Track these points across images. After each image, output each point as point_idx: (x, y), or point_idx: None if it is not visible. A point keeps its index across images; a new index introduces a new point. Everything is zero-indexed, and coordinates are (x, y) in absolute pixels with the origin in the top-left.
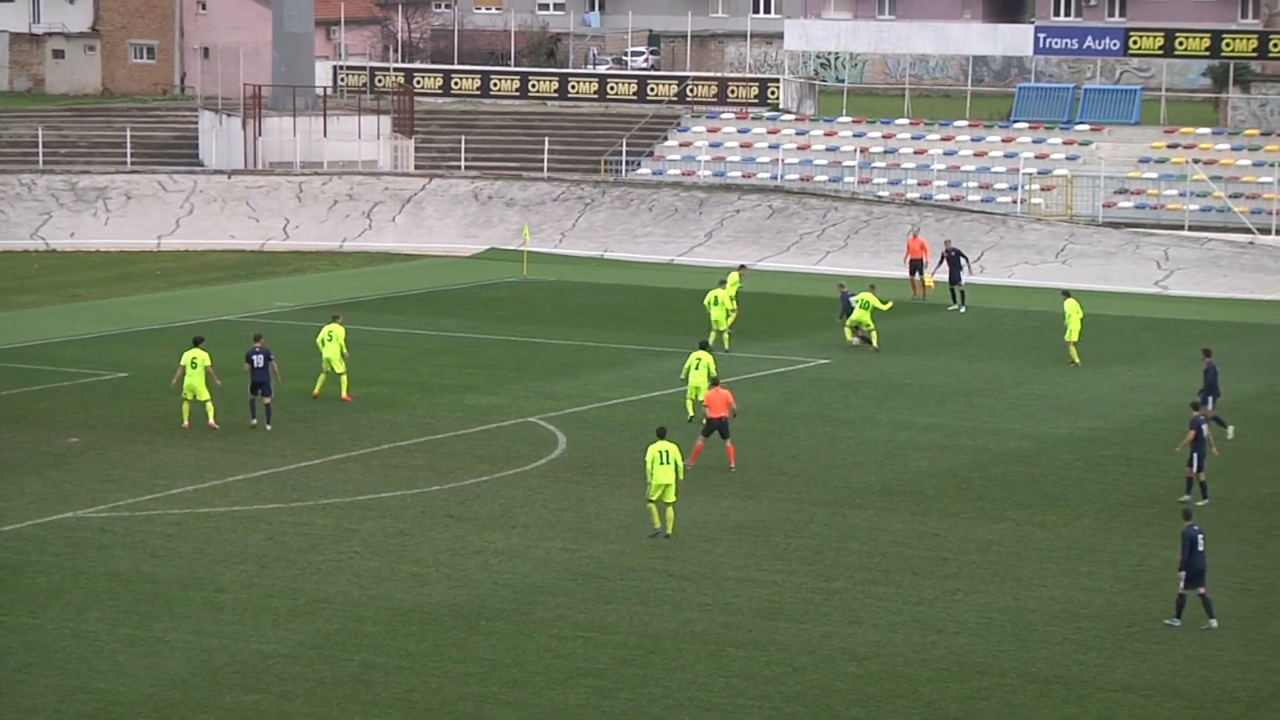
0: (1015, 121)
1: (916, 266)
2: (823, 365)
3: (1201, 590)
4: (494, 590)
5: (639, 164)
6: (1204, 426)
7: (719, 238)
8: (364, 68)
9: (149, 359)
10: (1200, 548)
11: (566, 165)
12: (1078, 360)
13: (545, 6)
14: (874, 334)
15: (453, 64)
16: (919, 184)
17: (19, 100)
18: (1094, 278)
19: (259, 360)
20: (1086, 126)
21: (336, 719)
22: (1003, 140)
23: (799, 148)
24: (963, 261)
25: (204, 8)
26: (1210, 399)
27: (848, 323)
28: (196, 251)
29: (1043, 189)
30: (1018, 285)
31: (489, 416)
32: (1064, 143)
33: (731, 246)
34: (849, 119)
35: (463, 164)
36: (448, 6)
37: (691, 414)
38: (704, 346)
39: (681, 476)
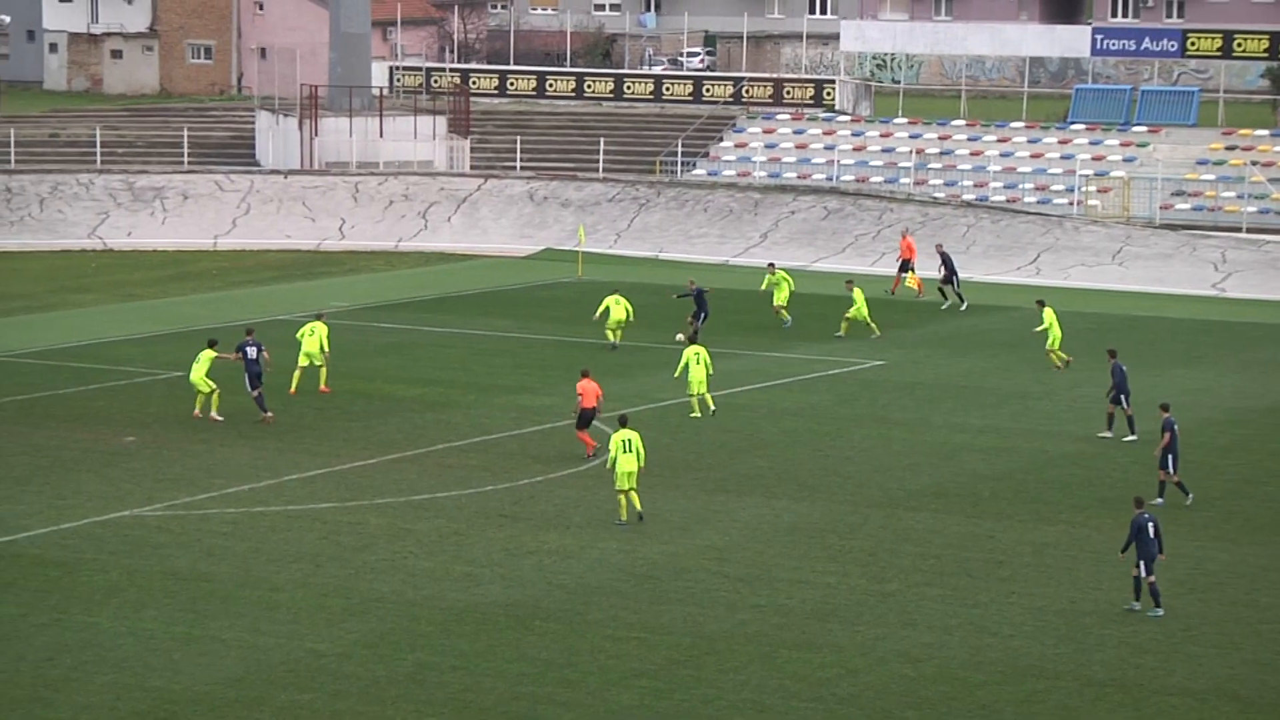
0: (1072, 123)
1: (904, 266)
2: (878, 367)
3: (1151, 579)
4: (548, 590)
5: (694, 165)
6: (1176, 427)
7: (774, 239)
8: (420, 68)
9: None
10: (1152, 535)
11: (621, 166)
12: (1063, 361)
13: (601, 7)
14: (874, 324)
15: (509, 64)
16: (975, 185)
17: (77, 100)
18: (1150, 280)
19: (253, 352)
20: (1144, 128)
21: (390, 718)
22: (1059, 142)
23: (854, 149)
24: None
25: (261, 8)
26: (1123, 398)
27: (847, 315)
28: (253, 251)
29: (1099, 191)
30: (1074, 287)
31: (543, 417)
32: (1121, 144)
33: (786, 247)
34: (905, 120)
35: (518, 164)
36: (504, 7)
37: (701, 411)
38: (693, 340)
39: (643, 464)
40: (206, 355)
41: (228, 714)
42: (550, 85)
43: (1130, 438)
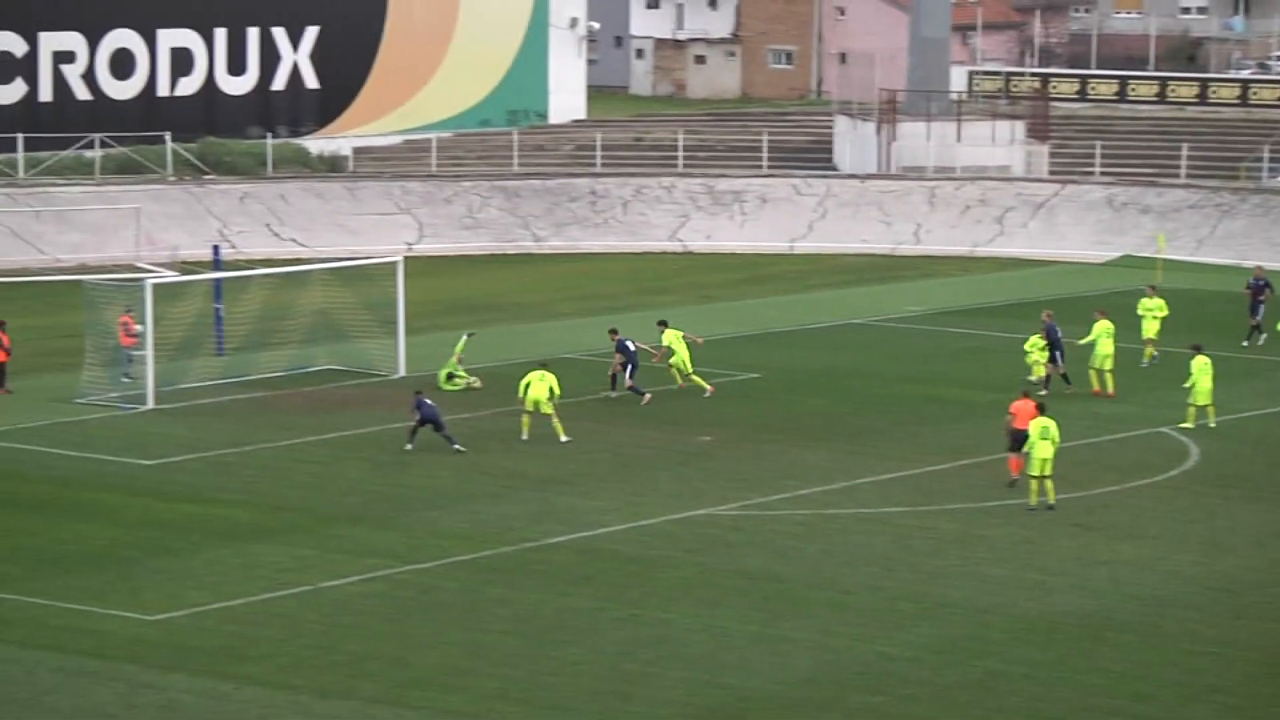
0: None
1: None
2: None
3: None
4: (1121, 601)
5: None
6: None
7: None
8: (999, 73)
9: (781, 360)
10: None
11: (1204, 172)
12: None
13: (1187, 10)
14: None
15: (1089, 69)
16: None
17: (661, 105)
18: None
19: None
20: None
21: None
22: None
23: None
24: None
25: (842, 14)
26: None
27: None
28: (828, 255)
29: None
30: None
31: (1119, 426)
32: None
33: None
34: None
35: (1097, 170)
36: (1086, 11)
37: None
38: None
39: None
40: (549, 378)
41: (799, 714)
42: (1132, 89)
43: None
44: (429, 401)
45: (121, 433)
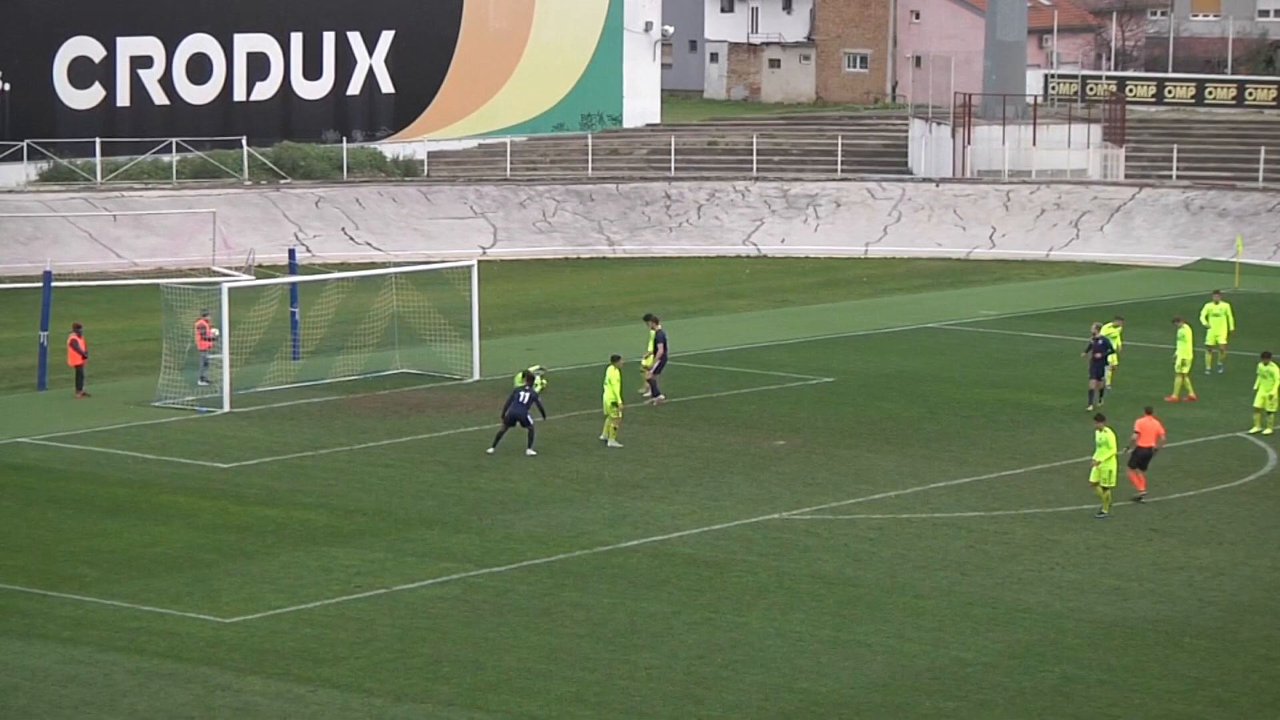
0: None
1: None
2: None
3: None
4: (1199, 607)
5: None
6: None
7: None
8: (1075, 76)
9: (854, 364)
10: None
11: None
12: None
13: (1265, 13)
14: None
15: (1166, 72)
16: None
17: (735, 109)
18: None
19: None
20: None
21: None
22: None
23: None
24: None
25: (917, 17)
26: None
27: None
28: (902, 259)
29: None
30: None
31: (1196, 430)
32: None
33: None
34: None
35: (1174, 173)
36: (1163, 14)
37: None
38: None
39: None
40: (615, 376)
41: (873, 719)
42: (1209, 93)
43: None
44: (522, 399)
45: (198, 436)
